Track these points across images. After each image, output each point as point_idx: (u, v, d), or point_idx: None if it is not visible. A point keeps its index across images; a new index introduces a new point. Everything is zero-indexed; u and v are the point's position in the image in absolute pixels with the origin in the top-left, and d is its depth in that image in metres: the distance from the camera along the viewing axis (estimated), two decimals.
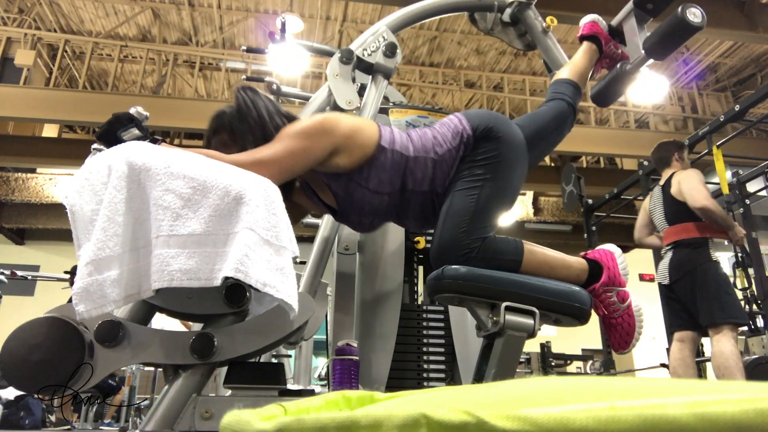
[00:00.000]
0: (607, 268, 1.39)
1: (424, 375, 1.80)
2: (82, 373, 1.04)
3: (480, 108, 9.31)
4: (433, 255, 1.35)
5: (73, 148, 8.04)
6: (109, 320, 1.08)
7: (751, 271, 3.94)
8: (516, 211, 9.72)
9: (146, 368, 6.07)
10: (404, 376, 1.77)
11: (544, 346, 7.31)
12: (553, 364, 7.38)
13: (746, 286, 4.01)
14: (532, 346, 7.64)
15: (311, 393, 1.29)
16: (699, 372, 2.96)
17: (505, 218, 9.24)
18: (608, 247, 1.46)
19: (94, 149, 1.17)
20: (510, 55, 9.01)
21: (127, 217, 1.01)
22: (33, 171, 9.03)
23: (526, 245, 1.35)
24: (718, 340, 2.87)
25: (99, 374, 1.06)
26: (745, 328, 3.69)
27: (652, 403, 0.28)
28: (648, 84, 8.19)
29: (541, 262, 1.34)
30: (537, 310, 1.23)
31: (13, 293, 7.86)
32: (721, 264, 3.05)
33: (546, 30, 2.04)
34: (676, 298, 3.14)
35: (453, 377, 1.81)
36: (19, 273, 5.47)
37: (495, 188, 1.35)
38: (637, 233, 3.50)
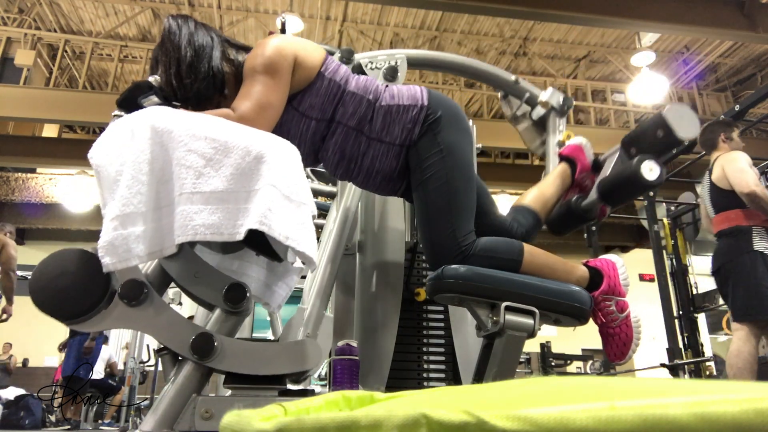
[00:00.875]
0: (608, 277, 1.39)
1: (424, 375, 1.80)
2: (97, 314, 1.06)
3: (479, 108, 9.33)
4: (430, 258, 1.36)
5: (73, 148, 8.04)
6: (137, 280, 1.09)
7: None
8: None
9: (146, 368, 6.07)
10: (404, 376, 1.77)
11: (544, 346, 7.31)
12: (553, 364, 7.38)
13: None
14: (532, 346, 7.64)
15: (311, 393, 1.29)
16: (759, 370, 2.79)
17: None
18: (611, 257, 1.46)
19: (114, 115, 1.20)
20: (510, 56, 9.01)
21: (151, 177, 1.04)
22: (33, 171, 9.04)
23: (527, 247, 1.35)
24: (738, 338, 2.78)
25: (111, 324, 1.08)
26: None
27: (652, 403, 0.28)
28: (648, 84, 8.19)
29: (542, 265, 1.34)
30: (537, 310, 1.23)
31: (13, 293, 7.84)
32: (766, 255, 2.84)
33: (561, 144, 2.00)
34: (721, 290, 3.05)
35: (453, 377, 1.81)
36: (20, 273, 5.46)
37: (458, 176, 1.35)
38: (704, 225, 3.36)
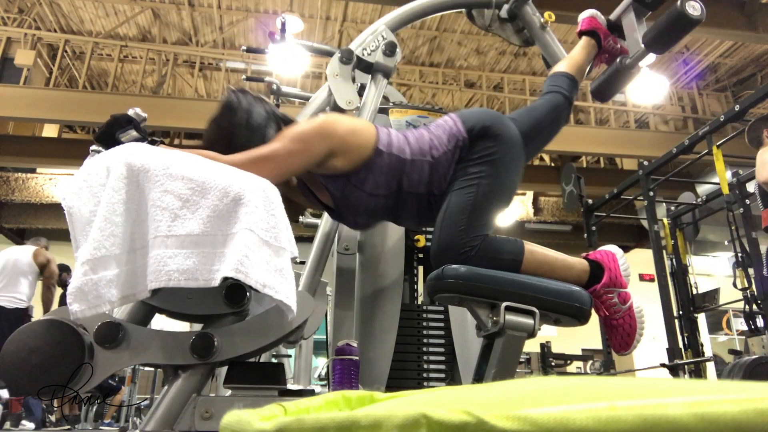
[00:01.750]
0: (609, 269, 1.39)
1: (424, 375, 1.80)
2: (82, 374, 1.04)
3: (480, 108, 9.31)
4: (434, 255, 1.35)
5: (73, 148, 8.04)
6: (109, 321, 1.08)
7: (751, 271, 3.94)
8: (516, 211, 9.72)
9: (146, 368, 6.07)
10: (404, 376, 1.77)
11: (544, 346, 7.31)
12: (553, 364, 7.37)
13: (746, 286, 4.01)
14: (532, 346, 7.64)
15: (311, 393, 1.29)
16: None
17: (505, 218, 9.25)
18: (610, 248, 1.46)
19: (93, 151, 1.18)
20: (510, 55, 9.00)
21: (125, 218, 1.01)
22: (33, 171, 9.03)
23: (527, 245, 1.35)
24: None
25: (99, 375, 1.06)
26: (746, 327, 3.68)
27: (652, 403, 0.28)
28: (648, 84, 8.19)
29: (542, 262, 1.34)
30: (537, 310, 1.23)
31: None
32: None
33: (544, 25, 2.04)
34: None
35: (453, 377, 1.81)
36: None
37: (492, 185, 1.35)
38: (759, 174, 3.33)
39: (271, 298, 1.00)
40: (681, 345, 4.34)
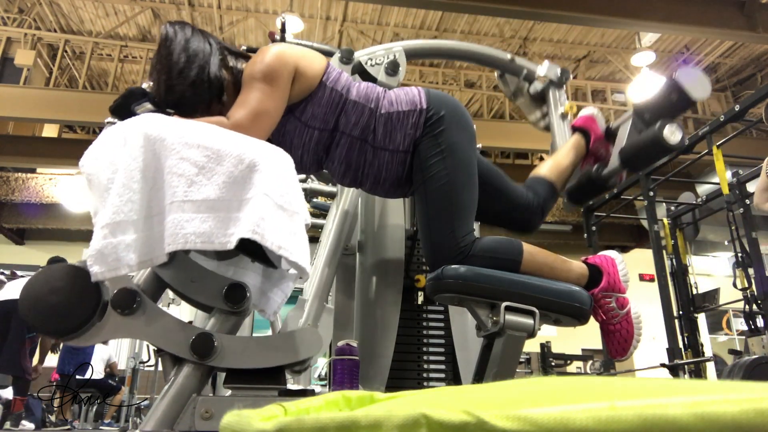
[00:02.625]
0: (608, 274, 1.39)
1: (424, 375, 1.80)
2: (91, 328, 1.05)
3: (479, 108, 9.33)
4: (429, 261, 1.36)
5: (73, 148, 8.03)
6: (129, 288, 1.09)
7: (751, 271, 3.94)
8: None
9: (146, 368, 6.07)
10: (404, 376, 1.77)
11: (544, 346, 7.32)
12: (553, 364, 7.38)
13: (746, 286, 4.01)
14: (532, 346, 7.64)
15: (311, 393, 1.29)
16: None
17: None
18: (610, 253, 1.46)
19: (108, 122, 1.19)
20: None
21: (142, 185, 1.03)
22: (33, 171, 9.03)
23: (526, 246, 1.35)
24: None
25: (105, 335, 1.08)
26: (746, 327, 3.68)
27: (652, 403, 0.28)
28: (648, 84, 8.19)
29: (541, 264, 1.34)
30: (537, 310, 1.23)
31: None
32: None
33: (564, 116, 2.01)
34: None
35: (453, 377, 1.81)
36: (19, 273, 5.46)
37: (459, 176, 1.35)
38: (756, 198, 3.27)
39: (279, 276, 0.98)
40: (681, 345, 4.33)
